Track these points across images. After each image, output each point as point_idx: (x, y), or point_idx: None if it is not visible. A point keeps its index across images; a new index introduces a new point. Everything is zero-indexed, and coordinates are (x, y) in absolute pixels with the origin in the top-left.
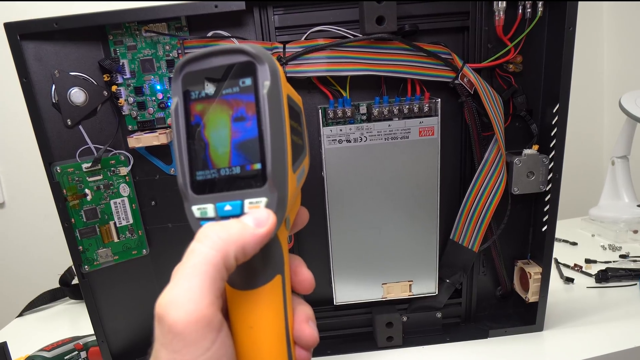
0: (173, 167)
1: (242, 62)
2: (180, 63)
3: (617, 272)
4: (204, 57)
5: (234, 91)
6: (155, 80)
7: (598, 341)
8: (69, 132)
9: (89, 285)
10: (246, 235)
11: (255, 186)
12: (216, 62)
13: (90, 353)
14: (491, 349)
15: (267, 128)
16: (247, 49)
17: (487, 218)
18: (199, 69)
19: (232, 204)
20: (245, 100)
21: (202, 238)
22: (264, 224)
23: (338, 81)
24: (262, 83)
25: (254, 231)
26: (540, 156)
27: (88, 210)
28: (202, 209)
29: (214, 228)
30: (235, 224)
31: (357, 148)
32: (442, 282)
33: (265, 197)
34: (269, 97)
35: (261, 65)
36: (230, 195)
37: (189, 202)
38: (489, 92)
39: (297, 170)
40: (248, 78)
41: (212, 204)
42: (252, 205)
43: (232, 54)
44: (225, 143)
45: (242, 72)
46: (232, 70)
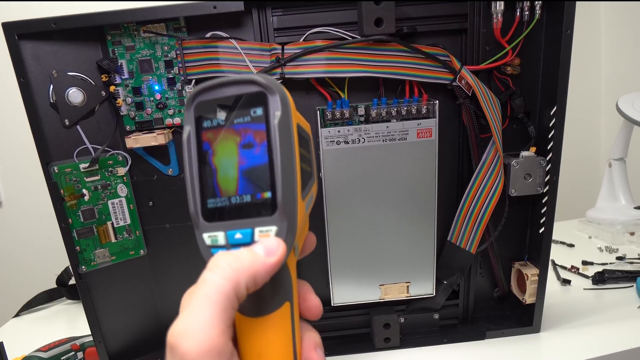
0: (171, 168)
1: (253, 92)
2: (193, 93)
3: (613, 274)
4: (216, 87)
5: (246, 120)
6: (154, 81)
7: (595, 343)
8: (66, 132)
9: (86, 285)
10: (257, 265)
11: (266, 214)
12: (228, 92)
13: (87, 354)
14: (488, 350)
15: (278, 158)
16: (258, 79)
17: (485, 220)
18: (211, 99)
19: (243, 232)
20: (257, 129)
21: (214, 267)
22: (274, 253)
23: (336, 82)
24: (273, 113)
25: (265, 260)
26: (538, 158)
27: (85, 210)
28: (213, 237)
29: (226, 257)
30: (246, 253)
31: (355, 149)
32: (439, 283)
33: (275, 226)
34: (280, 127)
35: (272, 95)
36: (240, 223)
37: (200, 229)
38: (486, 94)
39: (306, 197)
40: (259, 108)
41: (223, 232)
42: (262, 234)
43: (244, 84)
44: (236, 171)
45: (253, 102)
46: (243, 100)
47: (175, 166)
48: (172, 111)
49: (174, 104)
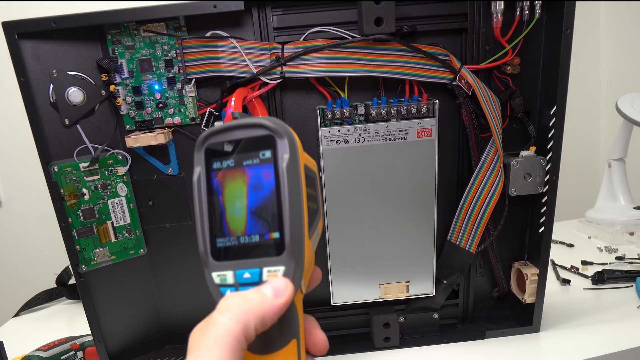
0: (171, 167)
1: (262, 136)
2: (204, 135)
3: (613, 274)
4: (226, 130)
5: (254, 163)
6: (154, 80)
7: (594, 342)
8: (66, 132)
9: (86, 285)
10: (266, 306)
11: (274, 254)
12: (237, 135)
13: (87, 353)
14: (488, 350)
15: (286, 200)
16: (267, 124)
17: (485, 219)
18: (221, 141)
19: (251, 271)
20: (265, 171)
21: (224, 310)
22: (282, 294)
23: (336, 82)
24: (281, 156)
25: (273, 302)
26: (538, 158)
27: (85, 209)
28: (222, 276)
29: (235, 300)
30: (255, 294)
31: (355, 149)
32: (439, 283)
33: (283, 266)
34: (288, 170)
35: (281, 139)
36: (249, 263)
37: (209, 268)
38: (486, 94)
39: (312, 235)
40: (268, 150)
41: (232, 271)
42: (270, 274)
43: (253, 128)
44: (245, 212)
45: (262, 145)
46: (252, 142)
47: (175, 165)
48: (172, 110)
49: (174, 103)
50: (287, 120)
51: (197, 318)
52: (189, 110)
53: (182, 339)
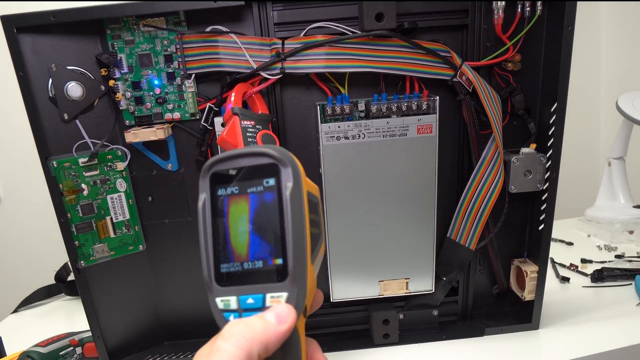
0: (170, 163)
1: (266, 164)
2: (209, 163)
3: (612, 272)
4: (231, 158)
5: (259, 190)
6: (153, 75)
7: (593, 339)
8: (65, 127)
9: (85, 280)
10: (269, 333)
11: (277, 280)
12: (242, 163)
13: (86, 349)
14: (487, 347)
15: (289, 227)
16: (271, 152)
17: (484, 216)
18: (226, 169)
19: (255, 297)
20: (269, 199)
21: (228, 337)
22: (285, 320)
23: (337, 78)
24: (285, 184)
25: (276, 328)
26: (538, 155)
27: (84, 205)
28: (226, 301)
29: (238, 327)
30: (258, 321)
31: (355, 145)
32: (438, 280)
33: (286, 292)
34: (291, 198)
35: (284, 168)
36: (252, 288)
37: (212, 293)
38: (487, 90)
39: (315, 260)
40: (272, 179)
41: (235, 297)
42: (273, 299)
43: (257, 156)
44: (248, 238)
45: (266, 173)
46: (257, 170)
47: (174, 161)
48: (172, 106)
49: (174, 98)
50: (287, 116)
51: (196, 314)
52: (189, 105)
53: (182, 335)
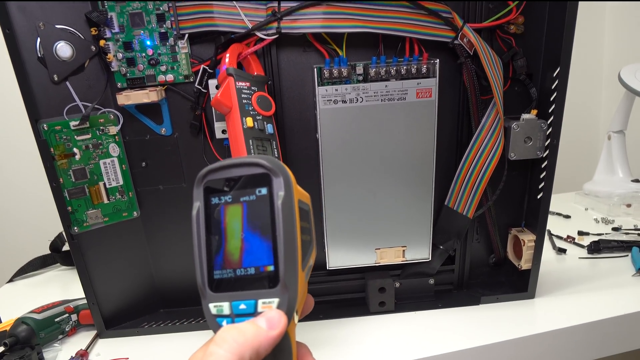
0: (164, 127)
1: (258, 174)
2: (203, 172)
3: (609, 244)
4: (225, 168)
5: (251, 199)
6: (145, 36)
7: (588, 308)
8: (55, 89)
9: (79, 247)
10: (260, 338)
11: (268, 287)
12: (235, 173)
13: (81, 316)
14: (483, 315)
15: (281, 235)
16: (263, 162)
17: (483, 184)
18: (219, 178)
19: (247, 303)
20: (261, 207)
21: (220, 342)
22: (276, 326)
23: (334, 39)
24: (276, 193)
25: (267, 334)
26: (539, 121)
27: (77, 170)
28: (219, 307)
29: (231, 332)
30: (250, 327)
31: (353, 109)
32: (435, 248)
33: (277, 298)
34: (283, 207)
35: (276, 177)
36: (244, 294)
37: (206, 299)
38: (488, 54)
39: (306, 266)
40: (264, 188)
41: (228, 302)
42: (265, 305)
43: (250, 166)
44: (241, 246)
45: (258, 183)
46: (249, 180)
47: (168, 125)
48: (165, 68)
49: (167, 60)
50: (283, 79)
51: (191, 282)
52: (182, 67)
53: (177, 303)
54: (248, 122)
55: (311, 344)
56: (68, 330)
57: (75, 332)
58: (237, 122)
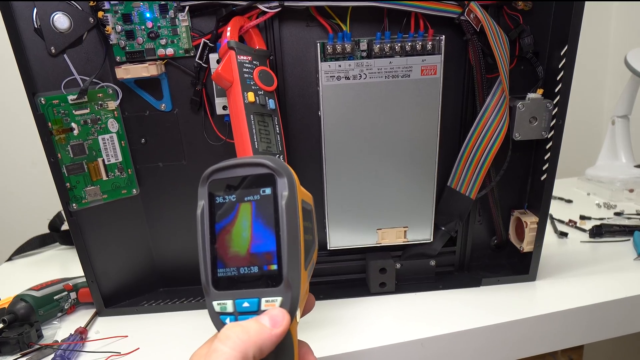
0: (164, 103)
1: (263, 174)
2: (208, 172)
3: (611, 228)
4: (229, 168)
5: (255, 199)
6: (145, 8)
7: (589, 291)
8: (53, 61)
9: (78, 224)
10: (264, 336)
11: (271, 285)
12: (240, 172)
13: (80, 294)
14: (483, 297)
15: (285, 235)
16: (267, 163)
17: (487, 164)
18: (224, 177)
19: (250, 301)
20: (265, 207)
21: (224, 339)
22: (279, 324)
23: (338, 13)
24: (280, 194)
25: (271, 332)
26: (545, 101)
27: (75, 145)
28: (222, 304)
29: (235, 330)
30: (254, 325)
31: (356, 86)
32: (437, 229)
33: (280, 296)
34: (287, 207)
35: (280, 178)
36: (248, 292)
37: (209, 297)
38: (495, 31)
39: (308, 265)
40: (268, 188)
41: (231, 300)
42: (268, 303)
43: (255, 167)
44: (245, 245)
45: (262, 183)
46: (254, 180)
47: (168, 101)
48: (165, 41)
49: (167, 33)
50: (285, 54)
51: (191, 261)
52: (183, 41)
53: (176, 282)
54: (249, 97)
55: (311, 324)
56: (67, 308)
57: (75, 310)
58: (238, 97)
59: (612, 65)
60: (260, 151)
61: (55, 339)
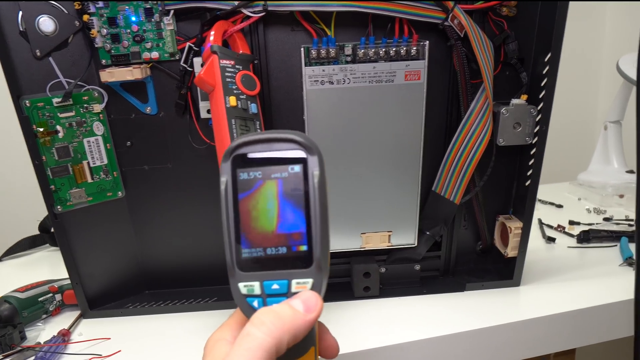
0: (149, 106)
1: (292, 150)
2: (232, 146)
3: (598, 234)
4: (256, 142)
5: (282, 176)
6: (130, 11)
7: (572, 297)
8: (38, 64)
9: (62, 226)
10: (298, 322)
11: (301, 267)
12: (267, 148)
13: (66, 296)
14: (467, 302)
15: (317, 215)
16: (299, 139)
17: (470, 169)
18: (249, 152)
19: (279, 282)
20: (293, 185)
21: (258, 324)
22: (313, 309)
23: (323, 18)
24: (312, 172)
25: (305, 317)
26: (529, 107)
27: (60, 147)
28: (249, 286)
29: (269, 316)
30: (288, 310)
31: (340, 90)
32: (422, 233)
33: (311, 278)
34: (319, 187)
35: (311, 155)
36: (276, 274)
37: (235, 278)
38: (479, 36)
39: None
40: (297, 165)
41: (259, 282)
42: (299, 285)
43: (284, 142)
44: (271, 224)
45: (291, 159)
46: (282, 156)
47: (153, 104)
48: (150, 45)
49: (152, 37)
50: (270, 59)
51: (177, 264)
52: (168, 45)
53: (162, 285)
54: (231, 101)
55: None
56: (52, 310)
57: (60, 312)
58: (220, 101)
59: (606, 69)
60: None
61: (38, 340)
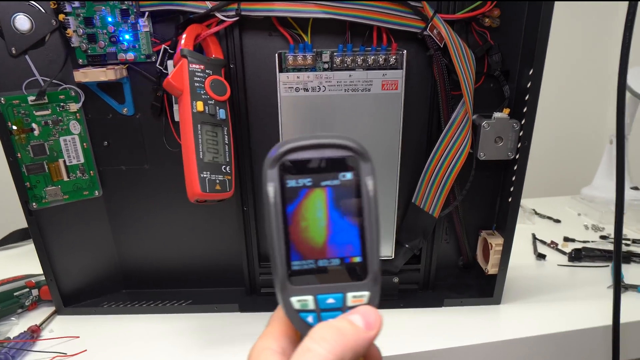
0: (126, 107)
1: (344, 157)
2: (280, 152)
3: (591, 252)
4: (306, 148)
5: (333, 184)
6: (107, 12)
7: (552, 319)
8: (14, 62)
9: (37, 222)
10: (360, 340)
11: (356, 279)
12: (317, 154)
13: (42, 291)
14: (444, 318)
15: (373, 225)
16: (352, 145)
17: (449, 182)
18: (298, 159)
19: (335, 296)
20: (345, 193)
21: (320, 340)
22: (374, 326)
23: (300, 24)
24: (365, 181)
25: (366, 334)
26: (511, 121)
27: (35, 145)
28: (303, 301)
29: (330, 332)
30: (349, 327)
31: (315, 98)
32: (400, 246)
33: (368, 291)
34: (374, 195)
35: (364, 162)
36: (330, 287)
37: (286, 292)
38: (459, 47)
39: None
40: (349, 172)
41: (312, 296)
42: (355, 299)
43: (336, 148)
44: (322, 234)
45: (343, 166)
46: (333, 163)
47: (130, 105)
48: (126, 46)
49: (128, 38)
50: (247, 64)
51: (154, 264)
52: (143, 46)
53: (140, 284)
54: (198, 106)
55: None
56: (28, 305)
57: (36, 307)
58: (186, 106)
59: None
60: (206, 162)
61: (8, 335)
